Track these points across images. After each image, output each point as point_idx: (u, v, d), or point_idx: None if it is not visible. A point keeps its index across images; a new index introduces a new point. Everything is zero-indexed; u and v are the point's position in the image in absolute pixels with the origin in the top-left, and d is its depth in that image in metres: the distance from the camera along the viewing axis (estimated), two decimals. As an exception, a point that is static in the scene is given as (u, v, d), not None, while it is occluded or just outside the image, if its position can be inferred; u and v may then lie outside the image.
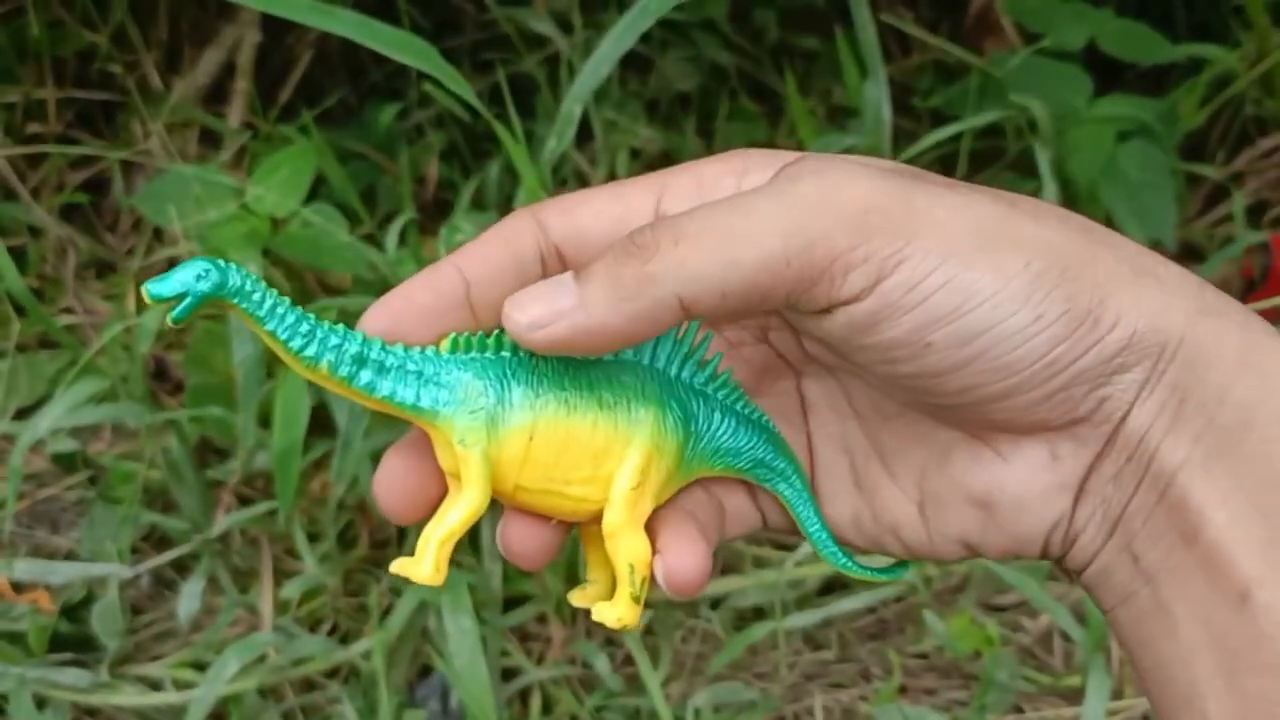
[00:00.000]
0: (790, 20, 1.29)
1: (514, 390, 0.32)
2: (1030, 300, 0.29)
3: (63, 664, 0.84)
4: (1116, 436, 0.31)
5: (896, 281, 0.29)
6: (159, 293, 0.29)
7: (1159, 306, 0.29)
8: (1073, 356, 0.29)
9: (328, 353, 0.31)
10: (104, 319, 1.07)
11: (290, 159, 0.86)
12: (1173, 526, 0.30)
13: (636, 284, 0.29)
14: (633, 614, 0.33)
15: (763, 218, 0.29)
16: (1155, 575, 0.30)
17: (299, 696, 0.87)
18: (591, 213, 0.34)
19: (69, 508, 1.01)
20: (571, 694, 0.88)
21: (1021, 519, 0.32)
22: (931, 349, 0.29)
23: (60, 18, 1.11)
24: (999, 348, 0.29)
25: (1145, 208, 0.98)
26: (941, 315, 0.29)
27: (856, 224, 0.29)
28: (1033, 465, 0.32)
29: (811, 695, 0.89)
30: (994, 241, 0.29)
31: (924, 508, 0.34)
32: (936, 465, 0.34)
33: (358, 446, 0.69)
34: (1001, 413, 0.31)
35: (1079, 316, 0.29)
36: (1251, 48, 1.09)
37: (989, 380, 0.30)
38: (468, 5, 1.25)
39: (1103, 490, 0.31)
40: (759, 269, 0.29)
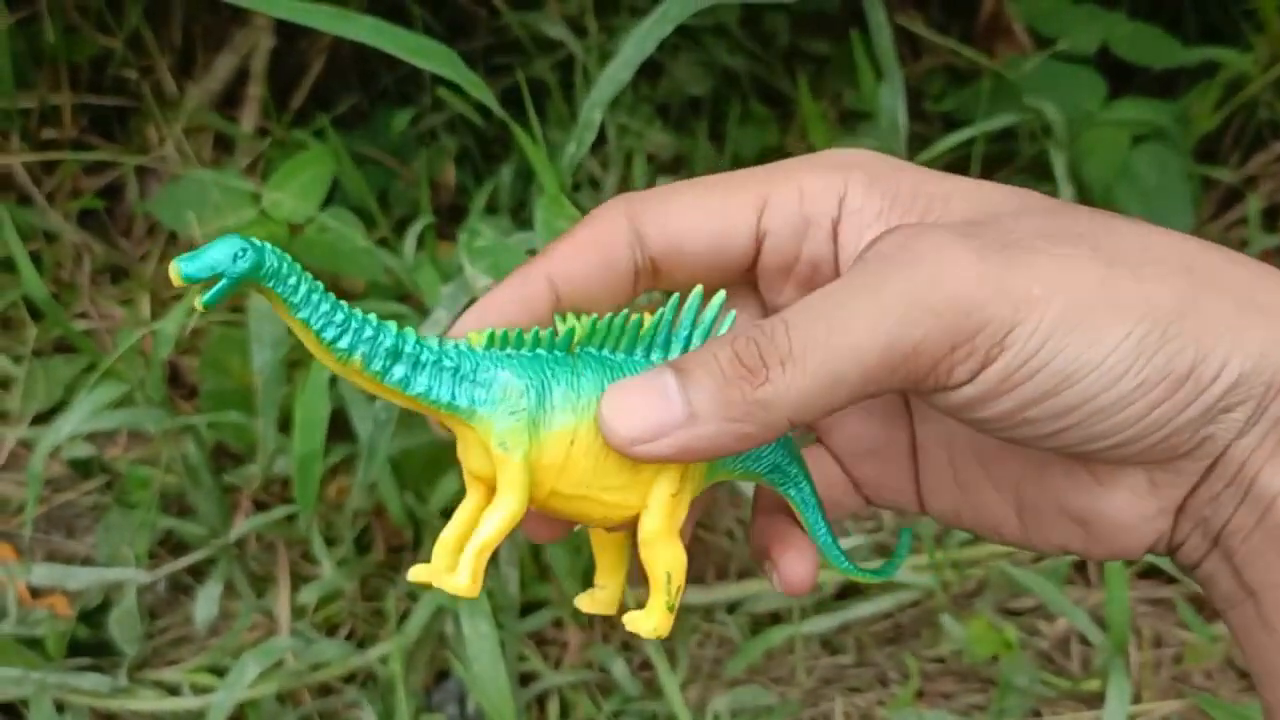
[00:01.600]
0: (801, 24, 1.29)
1: (555, 392, 0.30)
2: (1130, 371, 0.29)
3: (81, 669, 0.84)
4: (1216, 465, 0.31)
5: (995, 371, 0.29)
6: (192, 273, 0.26)
7: (1263, 346, 0.29)
8: (1174, 412, 0.29)
9: (361, 344, 0.29)
10: (119, 324, 1.08)
11: (307, 164, 0.86)
12: (1272, 548, 0.30)
13: (747, 409, 0.29)
14: (667, 623, 0.32)
15: (864, 328, 0.29)
16: (1259, 590, 0.31)
17: (316, 701, 0.87)
18: (690, 225, 0.33)
19: (85, 513, 1.01)
20: (589, 699, 0.88)
21: (1119, 538, 0.33)
22: (1030, 423, 0.30)
23: (75, 23, 1.12)
24: (1098, 415, 0.29)
25: (1161, 211, 0.98)
26: (1040, 395, 0.29)
27: (958, 326, 0.29)
28: (1131, 491, 0.32)
29: (829, 700, 0.89)
30: (1093, 313, 0.29)
31: (1022, 514, 0.34)
32: (1034, 479, 0.34)
33: (382, 453, 0.69)
34: (1102, 456, 0.31)
35: (1181, 377, 0.29)
36: (1265, 51, 1.09)
37: (1089, 441, 0.30)
38: (479, 9, 1.25)
39: (1200, 511, 0.31)
40: (865, 381, 0.29)
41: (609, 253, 0.33)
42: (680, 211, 0.33)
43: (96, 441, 1.01)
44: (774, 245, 0.34)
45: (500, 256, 0.65)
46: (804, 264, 0.34)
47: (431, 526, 0.90)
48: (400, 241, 0.95)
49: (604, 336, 0.32)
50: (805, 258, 0.34)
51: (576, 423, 0.30)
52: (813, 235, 0.34)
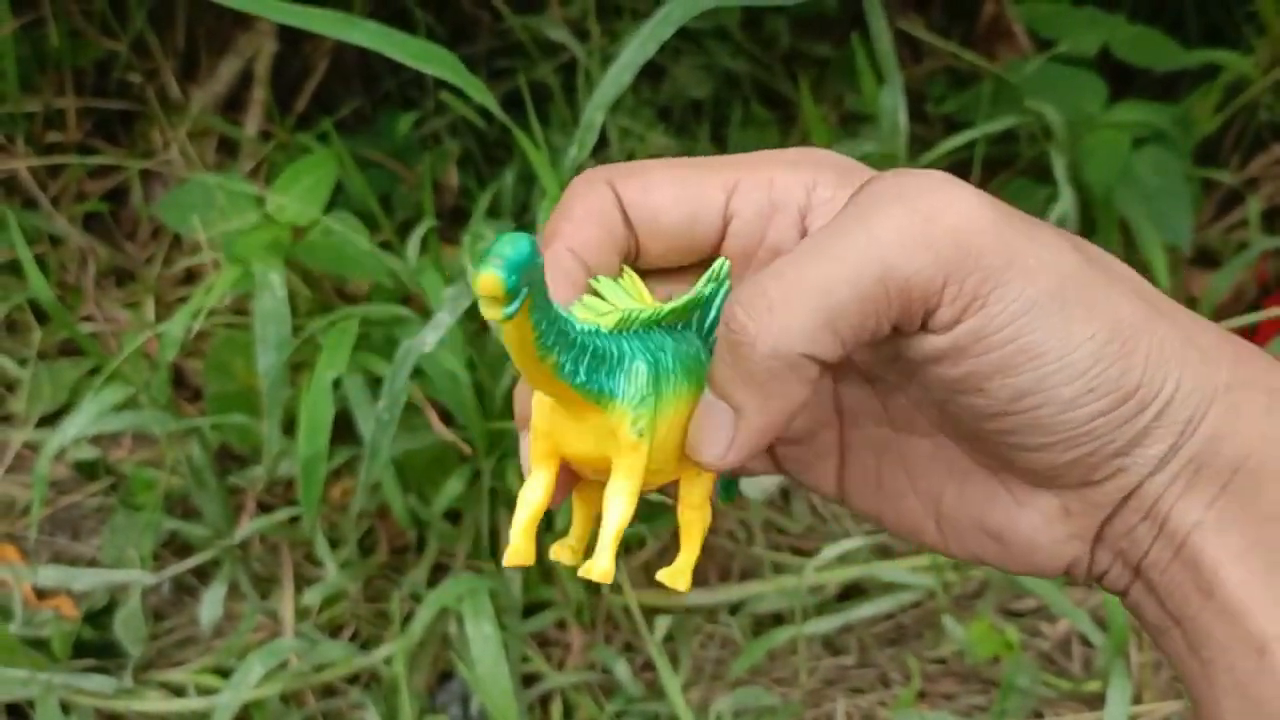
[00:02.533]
0: (802, 27, 1.30)
1: (663, 372, 0.30)
2: (1087, 374, 0.29)
3: (86, 670, 0.84)
4: (1129, 499, 0.31)
5: (970, 327, 0.29)
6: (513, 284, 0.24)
7: (1193, 382, 0.30)
8: (1107, 429, 0.30)
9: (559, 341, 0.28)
10: (124, 327, 1.08)
11: (311, 168, 0.87)
12: (1189, 580, 0.31)
13: (765, 369, 0.29)
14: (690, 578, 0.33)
15: (854, 260, 0.29)
16: (1180, 620, 0.31)
17: (320, 702, 0.87)
18: (666, 200, 0.33)
19: (90, 515, 1.01)
20: (592, 700, 0.89)
21: (1035, 556, 0.33)
22: (983, 394, 0.30)
23: (79, 28, 1.12)
24: (1046, 409, 0.30)
25: (1162, 213, 0.98)
26: (1003, 368, 0.29)
27: (954, 261, 0.29)
28: (1045, 514, 0.32)
29: (831, 701, 0.89)
30: (1070, 304, 0.29)
31: (941, 524, 0.35)
32: (955, 491, 0.34)
33: (384, 454, 0.69)
34: (1028, 462, 0.31)
35: (1125, 395, 0.29)
36: (1265, 53, 1.09)
37: (1026, 432, 0.30)
38: (482, 13, 1.25)
39: (1118, 543, 0.32)
40: (863, 312, 0.29)
41: (610, 224, 0.33)
42: (657, 185, 0.33)
43: (101, 444, 1.01)
44: (739, 228, 0.34)
45: (503, 259, 0.65)
46: (766, 250, 0.34)
47: (435, 528, 0.90)
48: (403, 244, 0.95)
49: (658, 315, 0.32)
50: (769, 243, 0.34)
51: (675, 403, 0.31)
52: (779, 222, 0.34)
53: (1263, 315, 0.96)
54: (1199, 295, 1.07)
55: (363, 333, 0.80)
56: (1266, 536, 0.30)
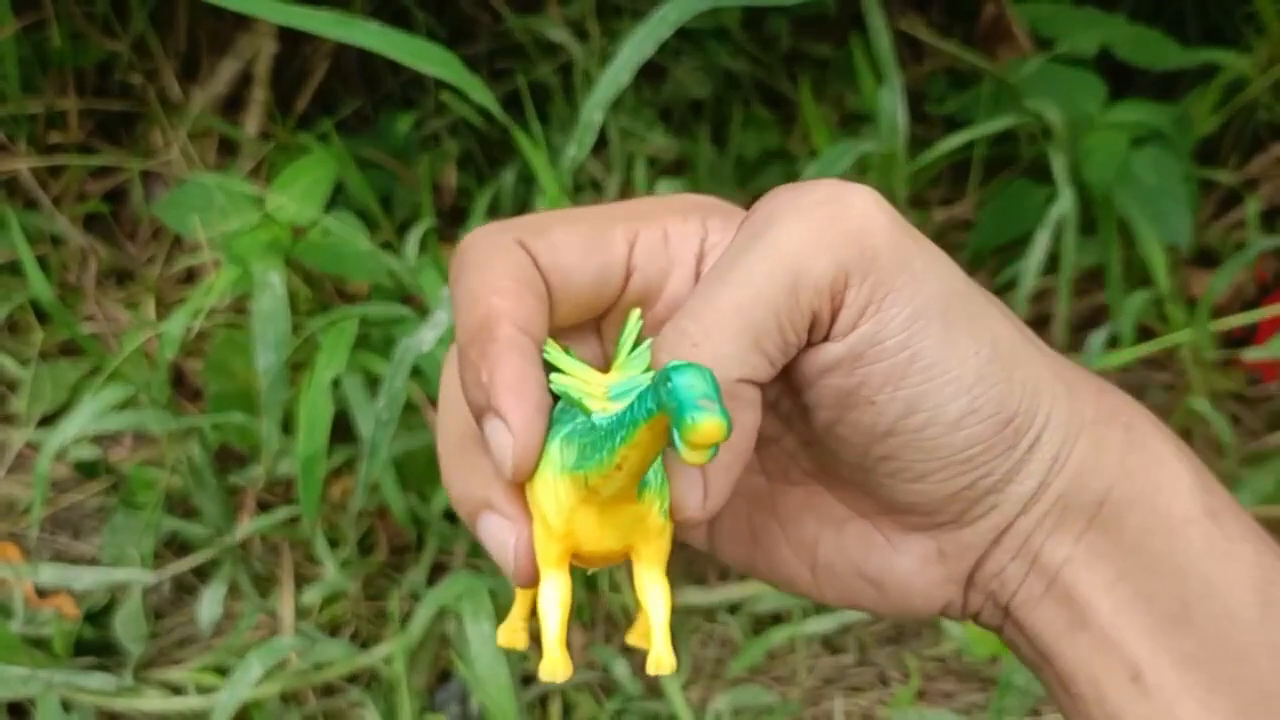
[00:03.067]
0: (802, 27, 1.30)
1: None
2: (971, 391, 0.29)
3: (87, 669, 0.85)
4: (1001, 539, 0.31)
5: (864, 333, 0.29)
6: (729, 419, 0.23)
7: (1062, 415, 0.30)
8: (987, 458, 0.30)
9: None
10: (124, 327, 1.08)
11: (311, 168, 0.87)
12: (1061, 615, 0.31)
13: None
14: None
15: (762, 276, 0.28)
16: (1052, 656, 0.32)
17: (320, 701, 0.87)
18: (576, 260, 0.32)
19: (90, 515, 1.02)
20: (591, 698, 0.89)
21: (911, 601, 0.33)
22: (874, 407, 0.29)
23: (81, 29, 1.12)
24: (929, 430, 0.29)
25: (1161, 213, 0.98)
26: (894, 378, 0.29)
27: (858, 259, 0.28)
28: (920, 558, 0.32)
29: (830, 699, 0.89)
30: (956, 316, 0.29)
31: (816, 572, 0.34)
32: (830, 538, 0.34)
33: (384, 453, 0.69)
34: (907, 495, 0.31)
35: (1003, 421, 0.30)
36: (1264, 53, 1.09)
37: (910, 457, 0.30)
38: (481, 14, 1.25)
39: (988, 584, 0.32)
40: (782, 323, 0.28)
41: (538, 290, 0.31)
42: (564, 244, 0.32)
43: (102, 444, 1.02)
44: (638, 282, 0.33)
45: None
46: (664, 304, 0.33)
47: (434, 527, 0.91)
48: (402, 244, 0.95)
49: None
50: (667, 296, 0.33)
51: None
52: (677, 275, 0.33)
53: (1261, 314, 0.97)
54: (1198, 295, 1.07)
55: (361, 332, 0.80)
56: (1133, 567, 0.30)
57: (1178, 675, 0.30)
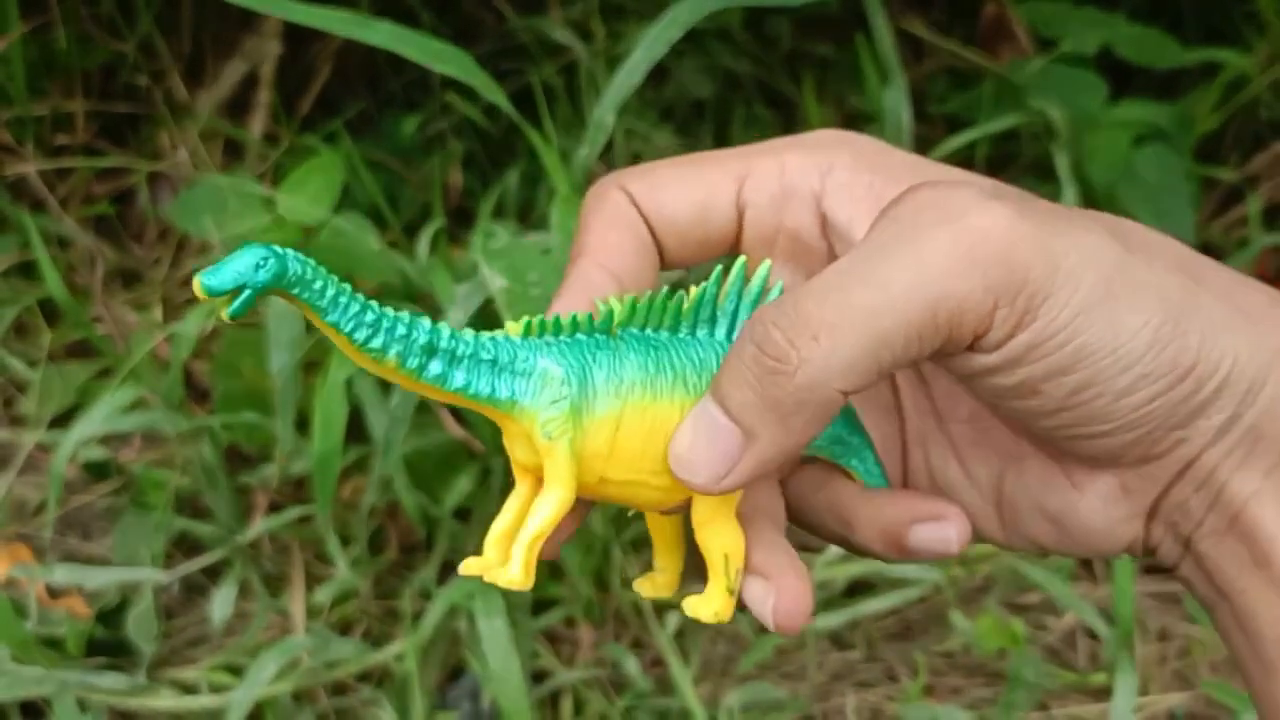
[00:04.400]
0: (804, 27, 1.30)
1: (597, 376, 0.30)
2: (1142, 360, 0.29)
3: (100, 668, 0.85)
4: (1188, 470, 0.31)
5: (1023, 340, 0.28)
6: (214, 286, 0.26)
7: (1248, 350, 0.30)
8: (1169, 408, 0.29)
9: (395, 343, 0.28)
10: (131, 328, 1.08)
11: (320, 169, 0.87)
12: (1244, 551, 0.30)
13: (796, 400, 0.28)
14: (729, 607, 0.31)
15: (906, 283, 0.28)
16: (1230, 594, 0.31)
17: (332, 699, 0.88)
18: (674, 195, 0.33)
19: (100, 515, 1.02)
20: (602, 695, 0.89)
21: (1092, 540, 0.33)
22: (1039, 396, 0.29)
23: (87, 31, 1.13)
24: (1102, 399, 0.29)
25: (1164, 211, 0.99)
26: (1057, 370, 0.29)
27: (1003, 282, 0.28)
28: (1104, 497, 0.32)
29: (840, 695, 0.90)
30: (1116, 296, 0.29)
31: (1000, 509, 0.34)
32: (1013, 474, 0.34)
33: (398, 451, 0.70)
34: (1087, 448, 0.31)
35: (1183, 373, 0.29)
36: (1265, 51, 1.10)
37: (1085, 422, 0.30)
38: (486, 15, 1.26)
39: (1170, 515, 0.32)
40: (908, 341, 0.28)
41: (631, 225, 0.33)
42: (664, 184, 0.33)
43: (110, 445, 1.02)
44: (755, 217, 0.33)
45: (515, 257, 0.66)
46: (785, 236, 0.34)
47: (445, 525, 0.91)
48: (409, 244, 0.96)
49: (646, 316, 0.31)
50: (786, 229, 0.33)
51: (621, 407, 0.30)
52: (793, 207, 0.33)
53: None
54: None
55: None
56: None
57: None
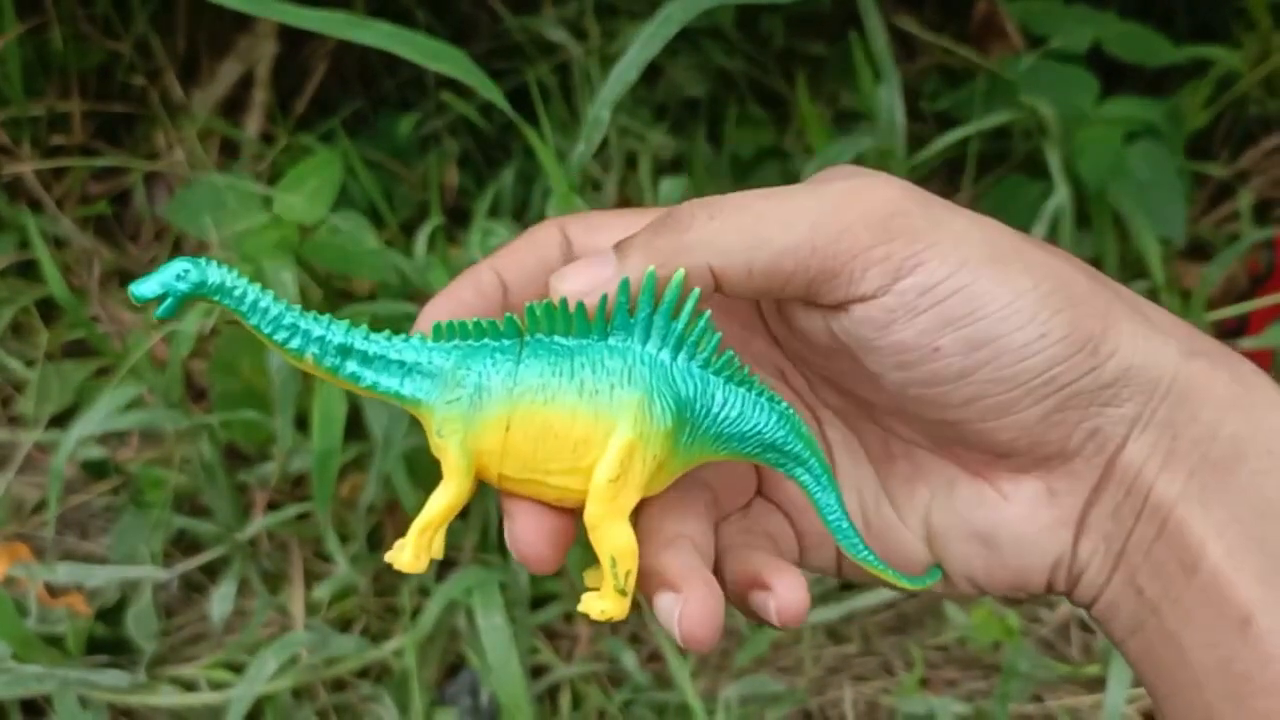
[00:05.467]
0: (796, 26, 1.31)
1: (493, 379, 0.31)
2: (1037, 318, 0.30)
3: (100, 666, 0.85)
4: (1112, 471, 0.32)
5: (912, 283, 0.30)
6: (141, 293, 0.30)
7: (1153, 346, 0.31)
8: (1070, 378, 0.31)
9: (311, 345, 0.31)
10: (128, 328, 1.09)
11: (317, 168, 0.88)
12: (1173, 558, 0.31)
13: (672, 252, 0.31)
14: (619, 606, 0.32)
15: (795, 207, 0.31)
16: (1160, 606, 0.32)
17: (331, 696, 0.88)
18: (607, 236, 0.34)
19: (98, 514, 1.02)
20: (600, 690, 0.90)
21: (1023, 555, 0.33)
22: (940, 353, 0.31)
23: (83, 31, 1.13)
24: (1003, 359, 0.30)
25: (1155, 207, 1.00)
26: (952, 320, 0.30)
27: (881, 225, 0.30)
28: (1032, 502, 0.33)
29: (836, 688, 0.91)
30: (1006, 258, 0.31)
31: (931, 544, 0.35)
32: (941, 502, 0.35)
33: (397, 448, 0.70)
34: (1002, 432, 0.32)
35: (1079, 341, 0.30)
36: (1254, 48, 1.11)
37: (991, 391, 0.31)
38: (480, 14, 1.26)
39: (1103, 526, 0.32)
40: (785, 252, 0.30)
41: (543, 251, 0.35)
42: (600, 227, 0.35)
43: (108, 444, 1.02)
44: None
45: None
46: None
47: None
48: (406, 243, 0.96)
49: (558, 323, 0.32)
50: None
51: (511, 409, 0.31)
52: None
53: (1254, 305, 0.98)
54: (1191, 287, 1.08)
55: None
56: (1246, 510, 0.31)
57: None
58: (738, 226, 0.31)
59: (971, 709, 0.86)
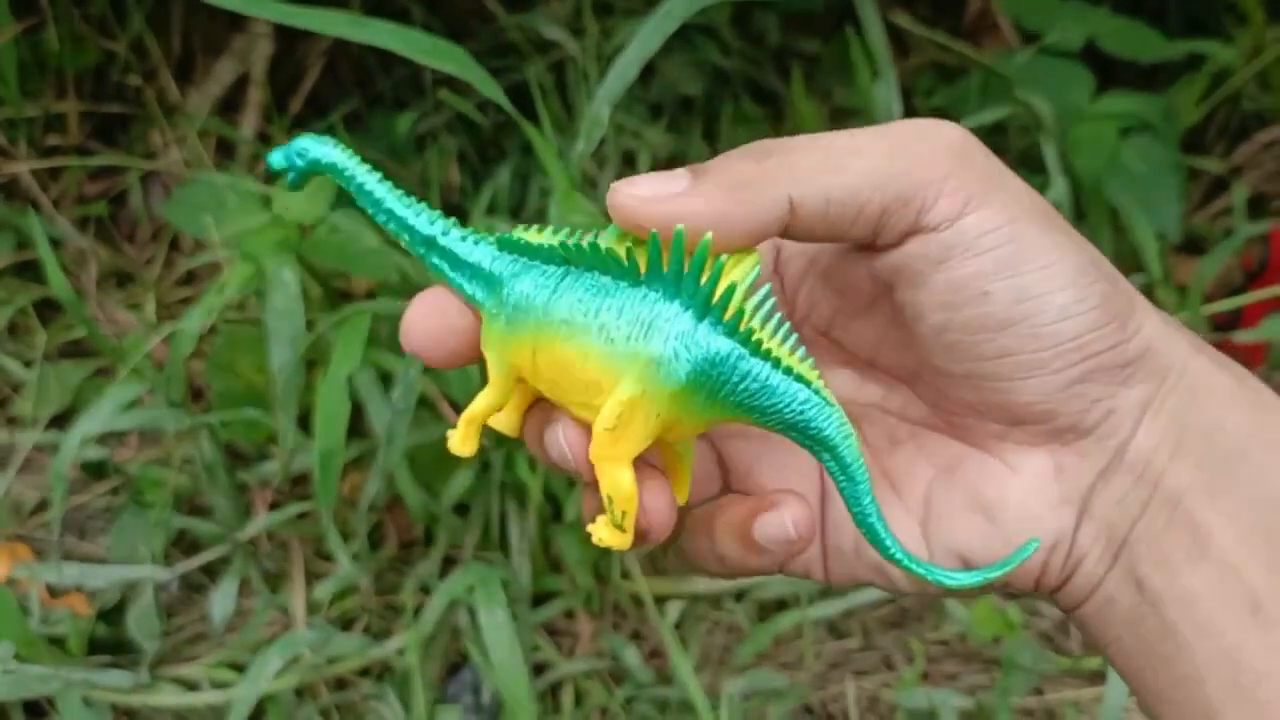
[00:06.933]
0: (790, 23, 1.31)
1: (531, 301, 0.31)
2: (1077, 283, 0.31)
3: (102, 667, 0.85)
4: (1123, 456, 0.32)
5: (974, 221, 0.31)
6: (272, 162, 0.34)
7: (1168, 337, 0.32)
8: (1099, 348, 0.31)
9: (404, 231, 0.34)
10: (126, 328, 1.09)
11: (316, 167, 0.87)
12: (1180, 547, 0.31)
13: (751, 177, 0.30)
14: (617, 539, 0.32)
15: (867, 139, 0.31)
16: (1161, 599, 0.32)
17: (333, 694, 0.88)
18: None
19: (96, 515, 1.02)
20: (602, 686, 0.90)
21: (1023, 529, 0.33)
22: (989, 298, 0.31)
23: (79, 31, 1.13)
24: (1041, 316, 0.31)
25: (1151, 201, 1.00)
26: (1004, 267, 0.31)
27: (954, 156, 0.31)
28: (1039, 475, 0.33)
29: (838, 682, 0.91)
30: (1054, 224, 0.32)
31: (926, 524, 0.35)
32: (944, 478, 0.35)
33: (400, 443, 0.70)
34: (1025, 393, 0.32)
35: (1111, 313, 0.31)
36: (1247, 44, 1.11)
37: (1026, 347, 0.31)
38: (475, 13, 1.26)
39: (1107, 513, 0.32)
40: (863, 178, 0.31)
41: None
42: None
43: (107, 444, 1.02)
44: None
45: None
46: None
47: (444, 520, 0.92)
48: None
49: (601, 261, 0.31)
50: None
51: (537, 335, 0.31)
52: None
53: (1248, 298, 0.99)
54: (1185, 281, 1.09)
55: (371, 329, 0.81)
56: (1254, 500, 0.31)
57: None
58: (815, 156, 0.31)
59: (973, 703, 0.86)
